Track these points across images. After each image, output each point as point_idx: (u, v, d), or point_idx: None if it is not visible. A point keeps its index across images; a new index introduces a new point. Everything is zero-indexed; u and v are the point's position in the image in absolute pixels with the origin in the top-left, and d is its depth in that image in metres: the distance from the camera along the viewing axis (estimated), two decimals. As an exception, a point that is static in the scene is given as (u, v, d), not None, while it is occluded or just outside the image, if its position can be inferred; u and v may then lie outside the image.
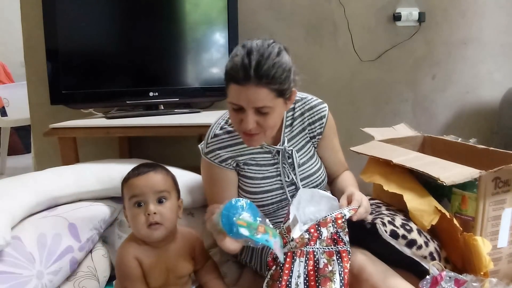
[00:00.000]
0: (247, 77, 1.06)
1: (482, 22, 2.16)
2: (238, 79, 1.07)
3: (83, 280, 1.24)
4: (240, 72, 1.06)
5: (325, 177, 1.35)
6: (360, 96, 2.20)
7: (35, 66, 2.03)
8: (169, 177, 1.11)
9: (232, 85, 1.09)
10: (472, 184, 1.22)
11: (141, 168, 1.08)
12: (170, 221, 1.07)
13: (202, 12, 1.95)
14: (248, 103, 1.08)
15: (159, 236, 1.05)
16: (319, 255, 1.05)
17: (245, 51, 1.08)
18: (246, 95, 1.07)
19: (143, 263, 1.06)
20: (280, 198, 1.28)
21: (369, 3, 2.12)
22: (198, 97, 2.00)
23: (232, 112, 1.15)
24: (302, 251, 1.05)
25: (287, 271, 1.03)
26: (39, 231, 1.20)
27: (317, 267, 1.04)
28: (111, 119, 1.79)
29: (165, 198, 1.06)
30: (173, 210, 1.08)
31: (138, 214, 1.04)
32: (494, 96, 2.17)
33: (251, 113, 1.09)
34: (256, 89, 1.06)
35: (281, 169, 1.27)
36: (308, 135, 1.32)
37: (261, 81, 1.06)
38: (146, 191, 1.04)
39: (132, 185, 1.05)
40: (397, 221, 1.17)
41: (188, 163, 1.66)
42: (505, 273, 1.28)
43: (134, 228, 1.07)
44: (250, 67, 1.05)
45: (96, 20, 1.85)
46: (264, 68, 1.05)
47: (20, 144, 3.94)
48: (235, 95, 1.09)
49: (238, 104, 1.10)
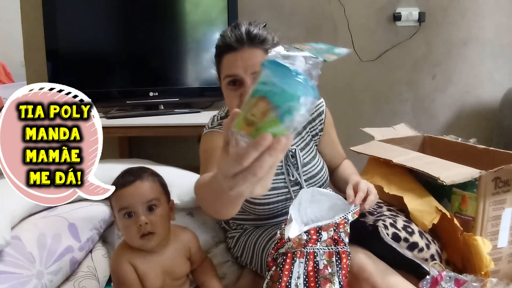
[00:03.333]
0: (240, 41, 1.09)
1: (482, 22, 2.16)
2: (232, 45, 1.10)
3: (83, 280, 1.24)
4: (232, 39, 1.10)
5: (327, 177, 1.35)
6: (360, 96, 2.20)
7: (35, 66, 2.03)
8: (156, 183, 1.08)
9: (226, 56, 1.11)
10: (472, 184, 1.22)
11: (126, 177, 1.06)
12: (163, 227, 1.05)
13: (202, 12, 1.95)
14: (246, 68, 1.09)
15: (153, 245, 1.04)
16: (319, 256, 1.04)
17: (232, 26, 1.13)
18: (242, 59, 1.09)
19: (138, 268, 1.05)
20: (285, 196, 1.27)
21: (369, 3, 2.12)
22: (198, 97, 2.00)
23: (229, 92, 1.13)
24: (302, 252, 1.04)
25: (287, 272, 1.02)
26: (39, 231, 1.20)
27: (316, 268, 1.03)
28: (111, 119, 1.79)
29: (155, 205, 1.04)
30: (165, 215, 1.06)
31: (129, 225, 1.03)
32: (494, 96, 2.17)
33: (250, 81, 1.09)
34: (251, 50, 1.09)
35: (284, 168, 1.27)
36: (309, 133, 1.32)
37: (253, 42, 1.10)
38: (134, 202, 1.02)
39: (120, 197, 1.03)
40: (399, 223, 1.17)
41: (188, 163, 1.66)
42: (505, 273, 1.27)
43: (127, 238, 1.06)
44: (242, 33, 1.10)
45: (96, 20, 1.86)
46: (254, 32, 1.10)
47: (20, 144, 3.93)
48: (231, 64, 1.11)
49: (235, 73, 1.10)
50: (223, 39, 1.13)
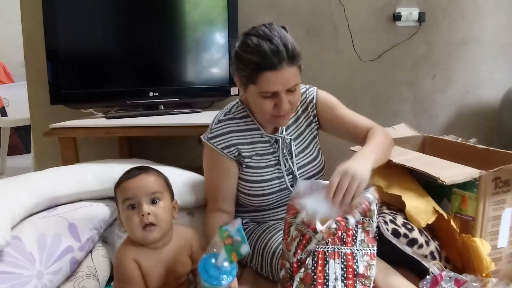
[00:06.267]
0: (281, 61, 1.11)
1: (482, 22, 2.16)
2: (274, 65, 1.11)
3: (83, 280, 1.24)
4: (274, 58, 1.11)
5: (323, 167, 1.36)
6: (360, 96, 2.20)
7: (35, 66, 2.03)
8: (161, 178, 1.11)
9: (265, 74, 1.12)
10: (472, 184, 1.22)
11: (132, 171, 1.09)
12: (165, 221, 1.07)
13: (202, 12, 1.95)
14: (284, 85, 1.14)
15: (155, 237, 1.05)
16: (359, 257, 0.98)
17: (264, 39, 1.12)
18: (283, 78, 1.13)
19: (142, 266, 1.06)
20: (279, 187, 1.30)
21: (369, 3, 2.12)
22: (198, 97, 2.00)
23: (262, 101, 1.17)
24: (337, 252, 0.98)
25: (321, 274, 0.96)
26: (39, 231, 1.20)
27: (356, 271, 0.97)
28: (111, 119, 1.79)
29: (158, 198, 1.07)
30: (167, 210, 1.08)
31: (132, 216, 1.04)
32: (494, 96, 2.17)
33: (285, 95, 1.15)
34: (290, 69, 1.13)
35: (280, 158, 1.29)
36: (303, 123, 1.34)
37: (293, 61, 1.13)
38: (138, 193, 1.04)
39: (124, 188, 1.06)
40: (398, 220, 1.17)
41: (188, 163, 1.67)
42: (505, 273, 1.28)
43: (130, 231, 1.07)
44: (281, 51, 1.11)
45: (96, 20, 1.85)
46: (292, 48, 1.12)
47: (20, 144, 3.94)
48: (270, 82, 1.13)
49: (275, 90, 1.14)
50: (260, 55, 1.11)
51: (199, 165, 1.34)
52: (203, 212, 1.44)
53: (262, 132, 1.30)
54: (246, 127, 1.30)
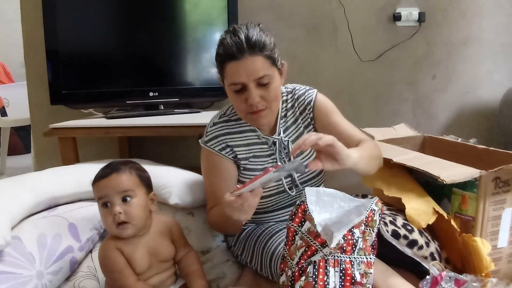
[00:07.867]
0: (241, 50, 1.12)
1: (482, 22, 2.16)
2: (233, 54, 1.13)
3: (83, 280, 1.24)
4: (234, 47, 1.13)
5: (321, 170, 1.33)
6: (360, 96, 2.20)
7: (35, 66, 2.03)
8: (133, 175, 1.12)
9: (228, 64, 1.15)
10: (472, 184, 1.22)
11: (105, 169, 1.11)
12: (138, 217, 1.09)
13: (202, 12, 1.95)
14: (248, 75, 1.14)
15: (129, 234, 1.08)
16: (356, 266, 0.98)
17: (230, 32, 1.16)
18: (245, 68, 1.13)
19: (124, 251, 1.09)
20: (277, 190, 1.29)
21: (369, 3, 2.12)
22: (198, 97, 2.00)
23: (234, 97, 1.19)
24: (336, 260, 0.98)
25: (322, 283, 0.96)
26: (39, 231, 1.20)
27: (354, 279, 0.97)
28: (111, 119, 1.80)
29: (130, 196, 1.08)
30: (140, 206, 1.10)
31: (106, 214, 1.08)
32: (494, 96, 2.17)
33: (253, 87, 1.15)
34: (252, 58, 1.13)
35: (278, 160, 1.29)
36: (301, 124, 1.33)
37: (254, 50, 1.13)
38: (110, 192, 1.07)
39: (97, 187, 1.09)
40: (398, 221, 1.17)
41: (188, 163, 1.67)
42: (505, 273, 1.28)
43: (106, 227, 1.11)
44: (241, 41, 1.13)
45: (96, 20, 1.86)
46: (253, 38, 1.13)
47: (20, 144, 3.94)
48: (234, 72, 1.15)
49: (239, 81, 1.15)
50: (223, 47, 1.15)
51: (199, 165, 1.34)
52: (203, 212, 1.44)
53: (258, 134, 1.29)
54: (241, 128, 1.29)
